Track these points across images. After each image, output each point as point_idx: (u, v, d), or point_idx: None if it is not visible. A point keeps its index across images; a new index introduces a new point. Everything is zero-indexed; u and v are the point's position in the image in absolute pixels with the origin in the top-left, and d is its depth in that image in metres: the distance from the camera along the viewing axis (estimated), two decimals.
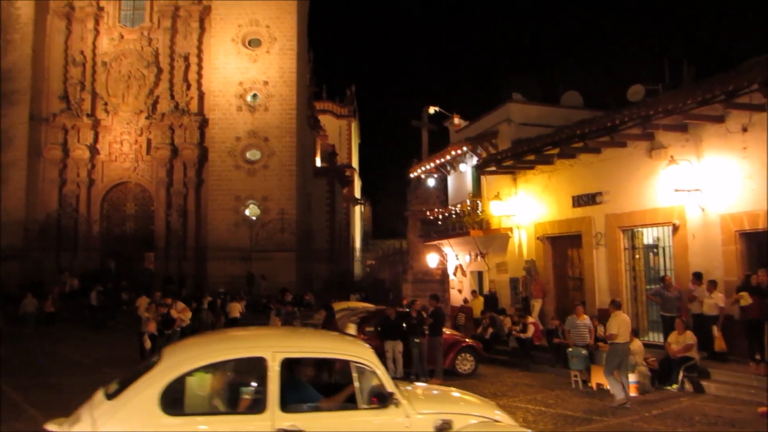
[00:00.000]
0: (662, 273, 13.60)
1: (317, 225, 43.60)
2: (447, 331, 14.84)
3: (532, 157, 17.13)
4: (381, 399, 4.98)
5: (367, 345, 5.63)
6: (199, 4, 37.42)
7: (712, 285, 11.77)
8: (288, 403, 4.70)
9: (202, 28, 37.50)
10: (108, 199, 37.54)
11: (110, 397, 4.68)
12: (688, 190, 12.54)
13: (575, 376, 12.08)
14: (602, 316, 14.03)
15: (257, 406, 4.70)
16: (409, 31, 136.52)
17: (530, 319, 15.88)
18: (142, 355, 15.26)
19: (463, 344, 14.38)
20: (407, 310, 14.51)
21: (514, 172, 18.59)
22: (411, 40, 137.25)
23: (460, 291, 22.87)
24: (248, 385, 5.02)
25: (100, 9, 37.69)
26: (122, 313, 25.20)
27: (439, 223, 22.21)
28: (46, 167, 36.94)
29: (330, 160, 50.22)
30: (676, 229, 13.07)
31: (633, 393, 10.81)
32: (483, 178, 20.86)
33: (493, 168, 19.04)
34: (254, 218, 35.47)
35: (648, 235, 14.44)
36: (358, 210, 67.33)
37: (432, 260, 22.89)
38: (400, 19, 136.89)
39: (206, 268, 35.20)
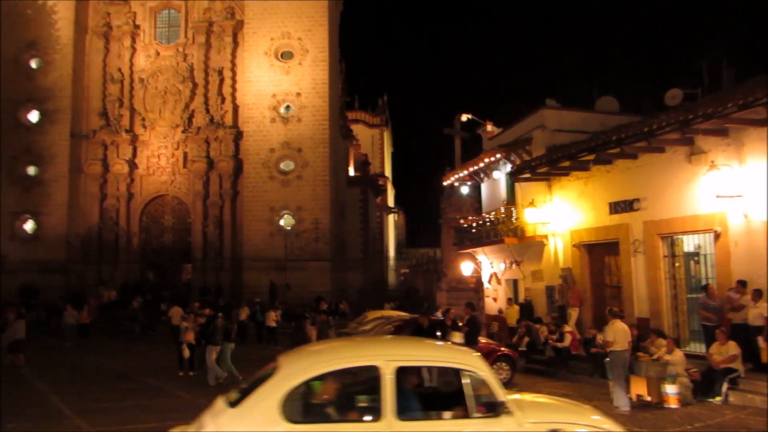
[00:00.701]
0: (703, 282, 13.24)
1: (351, 234, 43.78)
2: (482, 339, 14.74)
3: (567, 164, 16.88)
4: (490, 407, 4.98)
5: (477, 353, 5.60)
6: (232, 20, 38.06)
7: (757, 294, 11.40)
8: (399, 411, 4.75)
9: (236, 43, 38.10)
10: (146, 212, 38.34)
11: (233, 404, 4.85)
12: (730, 196, 12.19)
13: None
14: (641, 325, 13.77)
15: (373, 413, 4.78)
16: (441, 39, 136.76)
17: (567, 328, 15.68)
18: (181, 365, 15.54)
19: (499, 353, 14.24)
20: (442, 318, 14.43)
21: (548, 179, 18.37)
22: (443, 49, 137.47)
23: (495, 299, 22.69)
24: (362, 393, 5.12)
25: (137, 27, 38.62)
26: (161, 323, 25.70)
27: (473, 230, 22.08)
28: (86, 182, 37.95)
29: (363, 169, 50.44)
30: (717, 236, 12.68)
31: (674, 405, 10.57)
32: (517, 185, 20.66)
33: (528, 175, 18.84)
34: (289, 228, 35.76)
35: (688, 243, 14.08)
36: (391, 219, 67.40)
37: (466, 268, 22.73)
38: (431, 27, 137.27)
39: (242, 278, 35.62)
